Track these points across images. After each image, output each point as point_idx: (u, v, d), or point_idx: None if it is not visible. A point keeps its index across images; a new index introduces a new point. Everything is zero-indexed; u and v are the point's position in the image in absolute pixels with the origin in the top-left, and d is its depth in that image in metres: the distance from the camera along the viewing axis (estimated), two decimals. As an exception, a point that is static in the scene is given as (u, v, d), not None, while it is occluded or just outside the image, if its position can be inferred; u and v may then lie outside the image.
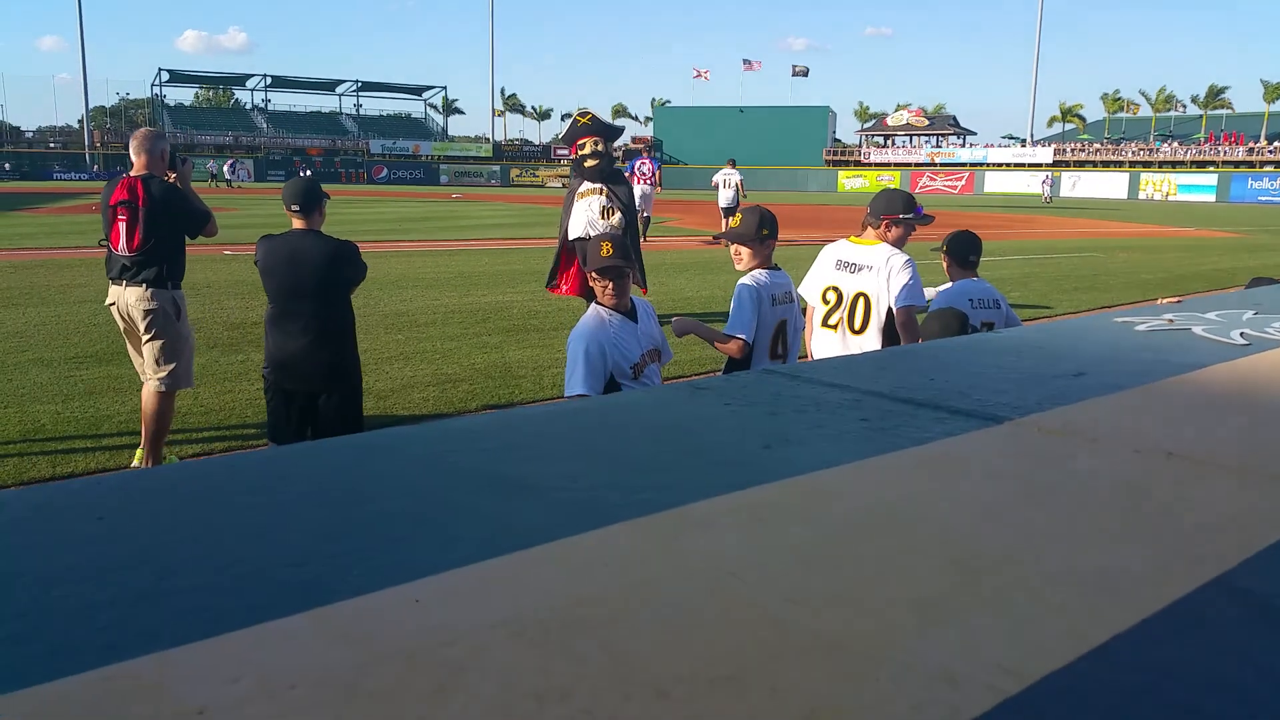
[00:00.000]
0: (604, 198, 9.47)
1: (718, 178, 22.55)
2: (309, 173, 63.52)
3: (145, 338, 5.18)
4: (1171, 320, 2.52)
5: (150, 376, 5.23)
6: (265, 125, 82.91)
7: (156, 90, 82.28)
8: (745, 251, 4.26)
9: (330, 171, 70.64)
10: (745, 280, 4.23)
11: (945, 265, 4.81)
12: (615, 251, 3.78)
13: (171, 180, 5.20)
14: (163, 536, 0.97)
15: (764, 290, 4.19)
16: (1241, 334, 2.37)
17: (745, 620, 0.84)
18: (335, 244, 4.55)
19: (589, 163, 9.33)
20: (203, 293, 11.67)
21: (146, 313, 5.12)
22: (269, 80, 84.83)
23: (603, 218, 9.37)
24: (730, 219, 20.75)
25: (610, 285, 3.80)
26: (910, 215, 4.37)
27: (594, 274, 3.82)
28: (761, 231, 4.23)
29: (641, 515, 1.06)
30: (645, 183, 21.28)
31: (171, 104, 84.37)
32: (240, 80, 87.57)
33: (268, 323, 4.62)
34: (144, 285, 5.09)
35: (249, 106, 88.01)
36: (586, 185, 9.40)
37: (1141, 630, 0.84)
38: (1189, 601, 0.90)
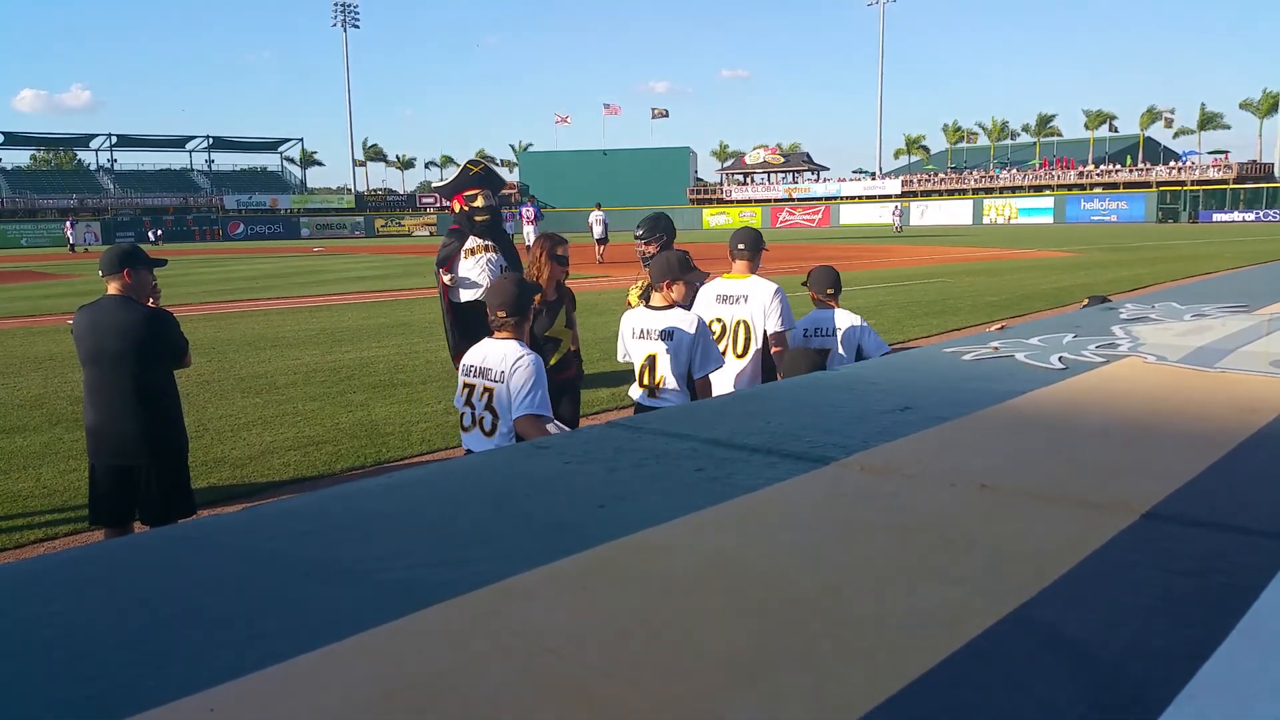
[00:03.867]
0: (498, 255, 8.95)
1: (591, 218, 30.14)
2: (160, 232, 61.02)
3: None
4: (997, 348, 2.65)
5: None
6: (112, 185, 79.07)
7: (-10, 153, 77.75)
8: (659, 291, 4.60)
9: (183, 230, 67.95)
10: None
11: (811, 298, 5.17)
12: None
13: None
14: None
15: (629, 324, 4.56)
16: (1060, 358, 2.52)
17: (558, 699, 0.84)
18: (141, 311, 4.35)
19: (480, 217, 8.81)
20: (45, 365, 11.01)
21: None
22: (114, 139, 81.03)
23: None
24: (602, 246, 28.87)
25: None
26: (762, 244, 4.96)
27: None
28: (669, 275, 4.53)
29: (462, 593, 1.05)
30: (529, 224, 30.92)
31: (8, 167, 79.76)
32: (84, 140, 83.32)
33: (83, 392, 4.44)
34: None
35: (94, 167, 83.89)
36: (475, 241, 8.85)
37: (938, 673, 0.87)
38: (985, 638, 0.94)
